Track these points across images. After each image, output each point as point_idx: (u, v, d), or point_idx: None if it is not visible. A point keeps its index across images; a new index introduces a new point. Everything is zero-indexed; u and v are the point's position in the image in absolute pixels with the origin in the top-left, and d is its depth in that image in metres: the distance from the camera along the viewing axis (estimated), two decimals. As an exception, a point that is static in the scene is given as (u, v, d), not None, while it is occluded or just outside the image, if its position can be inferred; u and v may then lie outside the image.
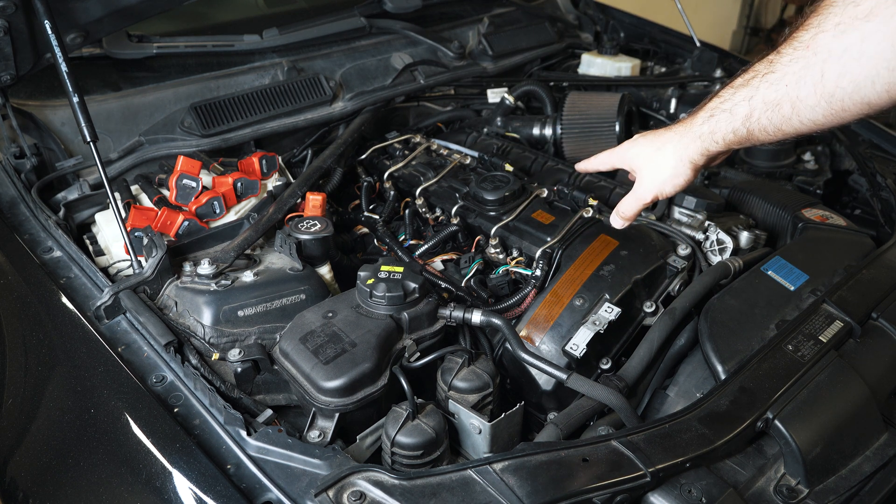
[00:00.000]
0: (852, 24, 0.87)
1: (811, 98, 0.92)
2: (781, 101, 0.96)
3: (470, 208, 1.67)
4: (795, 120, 0.96)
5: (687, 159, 1.10)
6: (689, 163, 1.10)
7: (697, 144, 1.08)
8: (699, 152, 1.09)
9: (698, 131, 1.07)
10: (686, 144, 1.09)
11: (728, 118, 1.03)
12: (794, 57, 0.93)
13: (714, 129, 1.05)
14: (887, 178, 1.82)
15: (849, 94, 0.89)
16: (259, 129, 1.88)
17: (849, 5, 0.88)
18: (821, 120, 0.94)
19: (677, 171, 1.11)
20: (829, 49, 0.89)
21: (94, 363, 1.20)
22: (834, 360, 1.21)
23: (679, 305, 1.37)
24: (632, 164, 1.18)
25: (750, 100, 0.99)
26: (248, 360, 1.22)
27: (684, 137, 1.09)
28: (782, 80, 0.95)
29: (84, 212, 1.61)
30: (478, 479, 0.96)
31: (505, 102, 2.16)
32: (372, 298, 1.27)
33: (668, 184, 1.13)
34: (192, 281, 1.34)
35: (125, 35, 1.92)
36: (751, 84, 0.99)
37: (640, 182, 1.17)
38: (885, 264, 1.44)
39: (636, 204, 1.18)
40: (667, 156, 1.11)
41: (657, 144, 1.13)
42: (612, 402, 1.18)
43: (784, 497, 1.08)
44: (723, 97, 1.05)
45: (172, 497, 1.01)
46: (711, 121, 1.05)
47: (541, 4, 2.72)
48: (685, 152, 1.09)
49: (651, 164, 1.13)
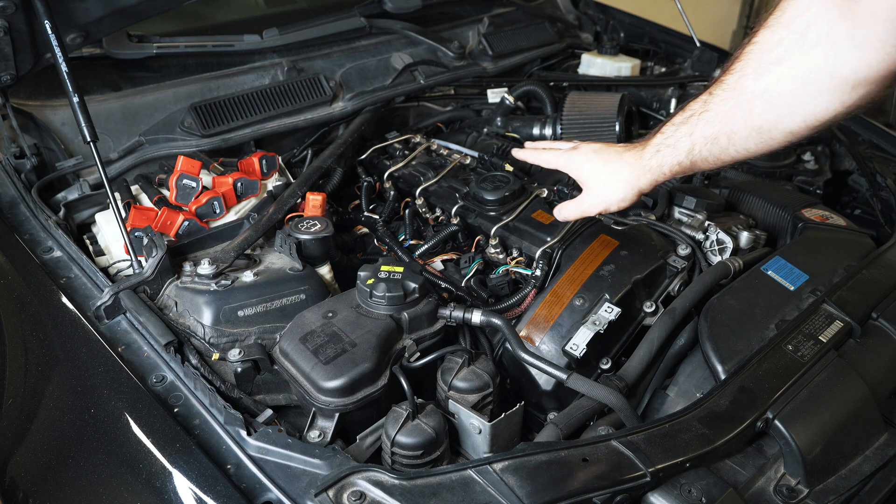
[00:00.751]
0: (768, 68, 1.02)
1: (743, 131, 1.07)
2: (718, 134, 1.10)
3: (470, 208, 1.67)
4: (731, 150, 1.10)
5: (636, 188, 1.24)
6: (637, 190, 1.24)
7: (648, 176, 1.21)
8: (648, 182, 1.22)
9: (647, 164, 1.21)
10: (638, 175, 1.22)
11: (673, 152, 1.16)
12: (724, 97, 1.08)
13: (661, 162, 1.19)
14: (887, 178, 1.82)
15: (774, 126, 1.04)
16: (259, 129, 1.88)
17: (763, 53, 1.03)
18: (753, 148, 1.09)
19: (626, 195, 1.25)
20: (752, 89, 1.05)
21: (94, 363, 1.20)
22: (834, 360, 1.21)
23: (679, 305, 1.37)
24: (581, 177, 1.30)
25: (691, 135, 1.13)
26: (248, 360, 1.22)
27: (636, 169, 1.22)
28: (717, 117, 1.09)
29: (84, 212, 1.61)
30: (478, 479, 0.96)
31: (505, 102, 2.16)
32: (372, 298, 1.27)
33: (614, 204, 1.27)
34: (192, 281, 1.34)
35: (125, 35, 1.92)
36: (689, 122, 1.13)
37: (588, 196, 1.29)
38: (885, 264, 1.44)
39: (579, 213, 1.31)
40: (619, 181, 1.24)
41: (611, 169, 1.25)
42: (612, 402, 1.18)
43: (784, 497, 1.08)
44: (665, 133, 1.18)
45: (172, 497, 1.01)
46: (658, 155, 1.19)
47: (541, 4, 2.72)
48: (636, 182, 1.23)
49: (602, 185, 1.26)
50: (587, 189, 1.28)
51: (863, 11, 0.90)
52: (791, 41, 0.99)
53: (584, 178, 1.29)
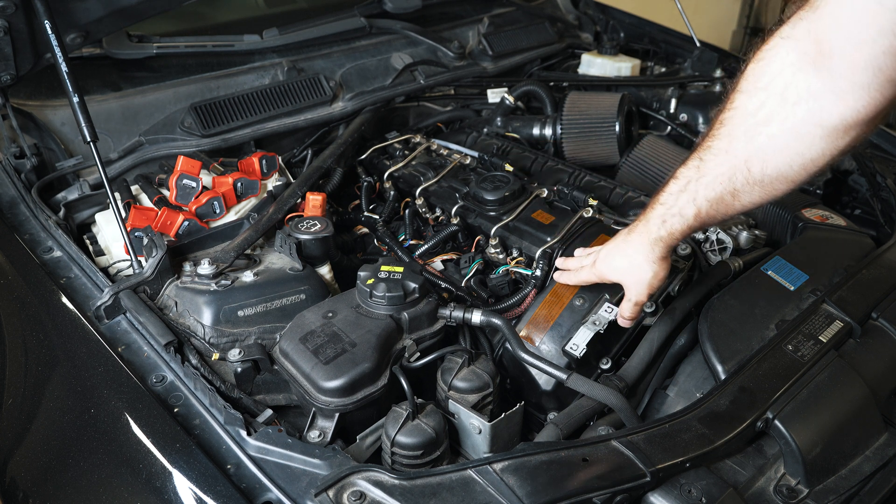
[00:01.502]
0: (756, 129, 1.04)
1: (746, 187, 1.08)
2: (722, 195, 1.11)
3: (470, 208, 1.67)
4: (738, 205, 1.11)
5: (658, 259, 1.24)
6: (660, 261, 1.24)
7: (661, 246, 1.22)
8: (664, 251, 1.23)
9: (657, 236, 1.21)
10: (651, 249, 1.22)
11: (681, 220, 1.17)
12: (718, 161, 1.09)
13: (671, 230, 1.19)
14: (887, 178, 1.82)
15: (775, 178, 1.06)
16: (259, 129, 1.88)
17: (747, 116, 1.04)
18: (758, 201, 1.10)
19: (656, 272, 1.24)
20: (746, 151, 1.05)
21: (94, 363, 1.20)
22: (834, 360, 1.21)
23: (679, 305, 1.37)
24: (614, 279, 1.30)
25: (694, 201, 1.14)
26: (248, 360, 1.22)
27: (647, 245, 1.23)
28: (716, 179, 1.10)
29: (84, 212, 1.61)
30: (478, 479, 0.96)
31: (505, 102, 2.16)
32: (372, 298, 1.27)
33: (653, 282, 1.26)
34: (192, 281, 1.34)
35: (125, 35, 1.92)
36: (688, 189, 1.14)
37: (630, 290, 1.28)
38: (885, 264, 1.44)
39: (636, 308, 1.30)
40: (641, 264, 1.24)
41: (627, 257, 1.26)
42: (612, 402, 1.18)
43: (784, 497, 1.08)
44: (666, 204, 1.18)
45: (172, 497, 1.01)
46: (666, 225, 1.19)
47: (541, 4, 2.72)
48: (652, 255, 1.23)
49: (631, 275, 1.27)
50: (626, 286, 1.29)
51: (838, 66, 0.92)
52: (773, 102, 1.01)
53: (618, 279, 1.30)
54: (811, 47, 0.95)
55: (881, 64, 0.87)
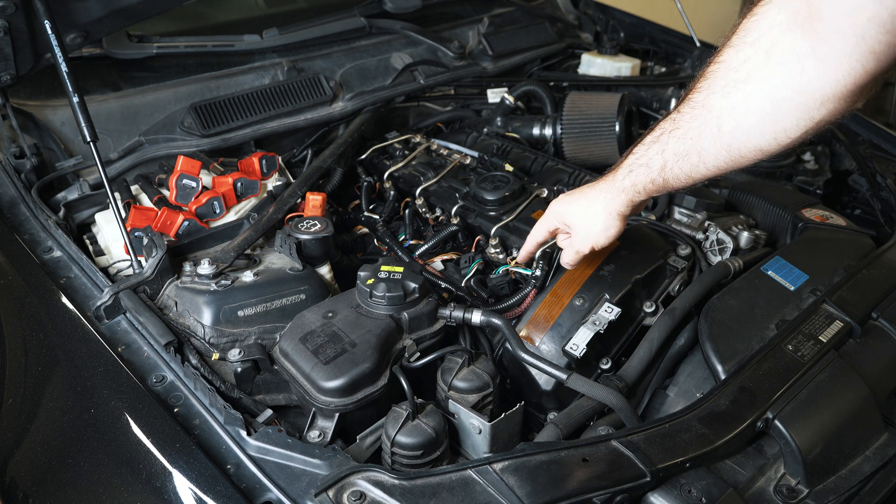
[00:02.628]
0: (735, 86, 1.03)
1: (712, 147, 1.07)
2: (688, 152, 1.10)
3: (470, 208, 1.67)
4: (702, 167, 1.10)
5: (615, 212, 1.23)
6: (617, 215, 1.23)
7: (622, 198, 1.21)
8: (625, 204, 1.22)
9: (621, 186, 1.20)
10: (612, 199, 1.21)
11: (645, 171, 1.16)
12: (693, 115, 1.08)
13: (634, 182, 1.18)
14: (887, 178, 1.82)
15: (743, 143, 1.05)
16: (259, 129, 1.88)
17: (730, 71, 1.03)
18: (723, 166, 1.09)
19: (607, 224, 1.24)
20: (720, 107, 1.05)
21: (94, 363, 1.20)
22: (834, 360, 1.21)
23: (679, 305, 1.37)
24: (566, 222, 1.30)
25: (662, 153, 1.13)
26: (248, 360, 1.22)
27: (609, 193, 1.22)
28: (687, 134, 1.09)
29: (84, 212, 1.61)
30: (478, 479, 0.96)
31: (505, 102, 2.16)
32: (372, 298, 1.27)
33: (601, 236, 1.26)
34: (192, 281, 1.34)
35: (125, 35, 1.92)
36: (660, 140, 1.14)
37: (576, 236, 1.29)
38: (885, 264, 1.44)
39: (576, 255, 1.31)
40: (597, 212, 1.24)
41: (585, 203, 1.25)
42: (612, 402, 1.18)
43: (784, 497, 1.08)
44: (637, 153, 1.18)
45: (172, 497, 1.01)
46: (631, 175, 1.18)
47: (541, 4, 2.72)
48: (612, 206, 1.22)
49: (584, 221, 1.26)
50: (574, 232, 1.28)
51: (825, 29, 0.90)
52: (757, 59, 1.00)
53: (566, 222, 1.29)
54: (802, 8, 0.93)
55: (865, 32, 0.87)
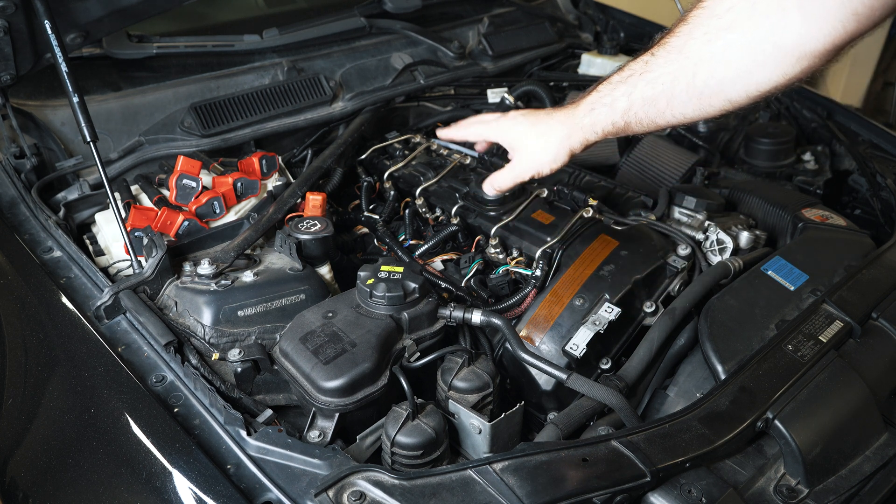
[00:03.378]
0: (717, 34, 1.01)
1: (683, 94, 1.05)
2: (658, 97, 1.08)
3: (470, 208, 1.67)
4: (668, 114, 1.09)
5: (568, 147, 1.20)
6: (568, 150, 1.20)
7: (579, 135, 1.18)
8: (579, 141, 1.19)
9: (580, 123, 1.17)
10: (568, 134, 1.19)
11: (608, 112, 1.13)
12: (668, 59, 1.06)
13: (595, 121, 1.16)
14: (887, 178, 1.82)
15: (715, 92, 1.04)
16: (259, 129, 1.88)
17: (713, 18, 1.02)
18: (689, 114, 1.08)
19: (557, 156, 1.21)
20: (699, 53, 1.03)
21: (94, 363, 1.20)
22: (834, 360, 1.21)
23: (679, 305, 1.37)
24: (511, 143, 1.26)
25: (629, 95, 1.11)
26: (248, 360, 1.22)
27: (567, 126, 1.19)
28: (659, 79, 1.07)
29: (84, 212, 1.61)
30: (478, 479, 0.96)
31: (505, 102, 2.15)
32: (372, 298, 1.27)
33: (546, 166, 1.23)
34: (192, 281, 1.34)
35: (125, 35, 1.91)
36: (629, 82, 1.11)
37: (520, 161, 1.25)
38: (885, 264, 1.44)
39: (513, 180, 1.27)
40: (549, 142, 1.20)
41: (540, 130, 1.22)
42: (612, 402, 1.18)
43: (784, 497, 1.08)
44: (602, 92, 1.15)
45: (172, 497, 1.01)
46: (592, 113, 1.16)
47: (541, 4, 2.72)
48: (567, 141, 1.19)
49: (532, 147, 1.22)
50: (517, 154, 1.25)
51: None
52: (742, 8, 0.99)
53: (512, 143, 1.25)
54: None
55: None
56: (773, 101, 2.25)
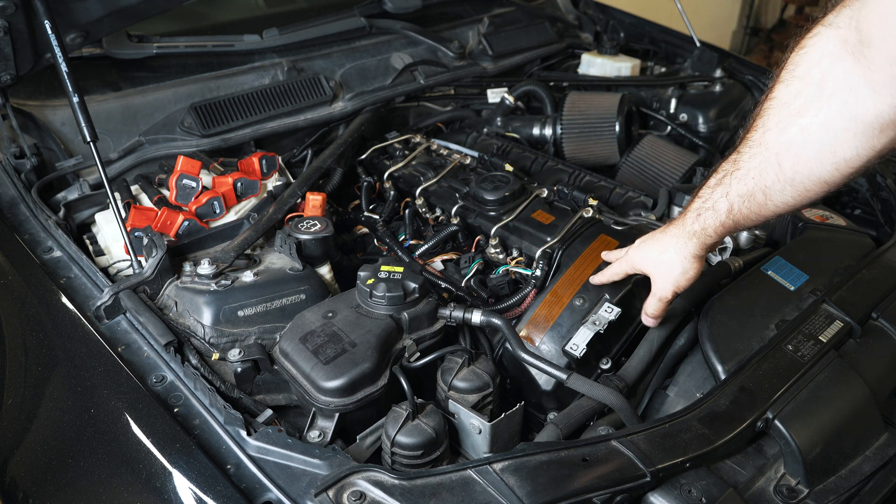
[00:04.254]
0: (790, 120, 1.01)
1: (777, 185, 1.05)
2: (753, 191, 1.09)
3: (470, 208, 1.67)
4: (770, 205, 1.09)
5: (690, 256, 1.22)
6: (692, 258, 1.22)
7: (694, 242, 1.20)
8: (697, 247, 1.21)
9: (691, 230, 1.20)
10: (684, 244, 1.21)
11: (713, 215, 1.15)
12: (752, 154, 1.07)
13: (705, 226, 1.17)
14: (887, 178, 1.82)
15: (806, 177, 1.03)
16: (259, 129, 1.88)
17: (783, 107, 1.02)
18: (791, 202, 1.07)
19: (685, 268, 1.23)
20: (777, 143, 1.04)
21: (94, 363, 1.20)
22: (834, 360, 1.21)
23: (679, 305, 1.37)
24: (644, 270, 1.30)
25: (727, 196, 1.12)
26: (248, 360, 1.22)
27: (681, 239, 1.21)
28: (748, 174, 1.08)
29: (84, 212, 1.61)
30: (478, 479, 0.96)
31: (505, 102, 2.16)
32: (372, 298, 1.27)
33: (681, 280, 1.25)
34: (192, 281, 1.34)
35: (125, 35, 1.92)
36: (724, 183, 1.12)
37: (657, 284, 1.28)
38: (885, 264, 1.44)
39: (660, 304, 1.29)
40: (671, 258, 1.23)
41: (659, 248, 1.25)
42: (612, 402, 1.18)
43: (784, 497, 1.08)
44: (703, 197, 1.18)
45: (172, 497, 1.01)
46: (700, 219, 1.18)
47: (541, 4, 2.72)
48: (686, 251, 1.21)
49: (661, 268, 1.25)
50: (653, 278, 1.28)
51: (877, 56, 0.89)
52: (809, 92, 0.98)
53: (647, 270, 1.29)
54: (852, 35, 0.91)
55: None
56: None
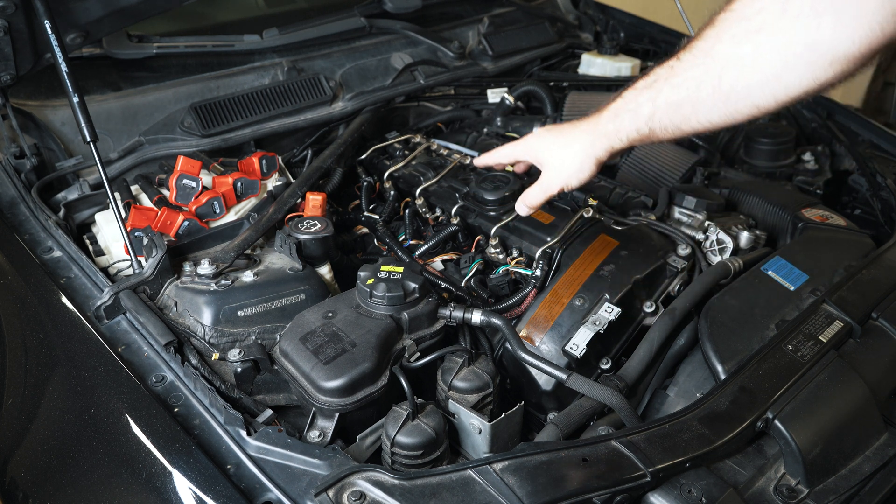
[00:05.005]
0: (746, 36, 0.98)
1: (710, 100, 1.02)
2: (683, 102, 1.05)
3: (470, 208, 1.67)
4: (694, 119, 1.05)
5: (593, 156, 1.17)
6: (594, 159, 1.18)
7: (603, 142, 1.15)
8: (604, 149, 1.16)
9: (604, 130, 1.15)
10: (592, 142, 1.16)
11: (632, 118, 1.11)
12: (694, 63, 1.03)
13: (619, 127, 1.13)
14: (887, 178, 1.83)
15: (742, 98, 1.00)
16: (259, 129, 1.88)
17: (742, 20, 0.98)
18: (716, 120, 1.04)
19: (583, 166, 1.19)
20: (727, 56, 1.00)
21: (94, 363, 1.20)
22: (834, 360, 1.21)
23: (679, 305, 1.37)
24: (537, 158, 1.24)
25: (654, 100, 1.08)
26: (248, 360, 1.22)
27: (591, 135, 1.16)
28: (684, 83, 1.04)
29: (84, 212, 1.61)
30: (478, 479, 0.96)
31: (505, 102, 2.15)
32: (372, 298, 1.27)
33: (573, 178, 1.21)
34: (192, 281, 1.34)
35: (125, 35, 1.92)
36: (654, 87, 1.08)
37: (546, 175, 1.23)
38: (885, 264, 1.44)
39: (543, 195, 1.25)
40: (574, 152, 1.18)
41: (563, 141, 1.20)
42: (612, 402, 1.18)
43: (784, 497, 1.08)
44: (626, 98, 1.13)
45: (172, 497, 1.01)
46: (616, 120, 1.13)
47: (541, 4, 2.72)
48: (591, 150, 1.17)
49: (557, 160, 1.21)
50: (545, 169, 1.23)
51: None
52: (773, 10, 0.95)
53: (540, 158, 1.24)
54: None
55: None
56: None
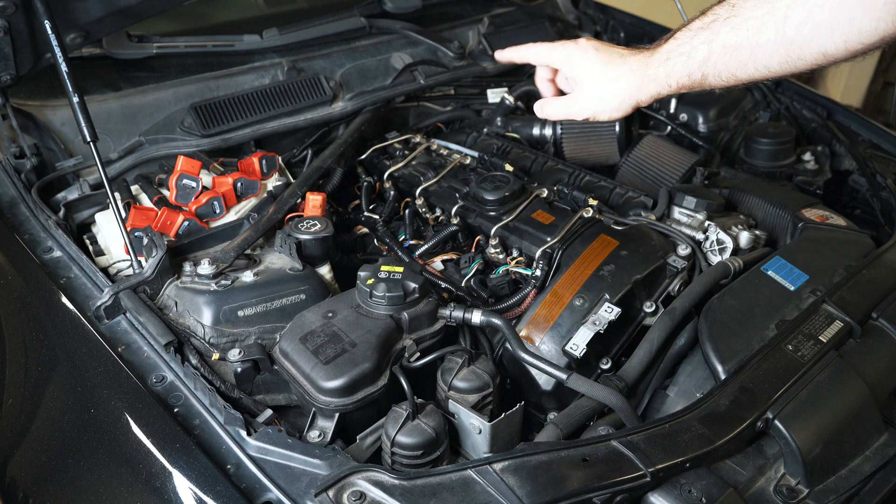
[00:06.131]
0: None
1: (770, 44, 0.94)
2: (741, 45, 0.97)
3: (470, 208, 1.67)
4: (751, 66, 0.98)
5: (635, 99, 1.11)
6: (635, 102, 1.11)
7: (651, 88, 1.09)
8: (649, 95, 1.10)
9: (653, 74, 1.07)
10: (638, 87, 1.09)
11: (685, 61, 1.03)
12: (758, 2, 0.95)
13: (670, 72, 1.06)
14: (887, 178, 1.83)
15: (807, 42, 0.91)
16: (259, 129, 1.88)
17: None
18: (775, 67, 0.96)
19: (620, 107, 1.12)
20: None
21: (94, 363, 1.20)
22: (834, 360, 1.21)
23: (679, 305, 1.37)
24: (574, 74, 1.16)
25: (710, 43, 1.00)
26: (248, 360, 1.22)
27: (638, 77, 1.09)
28: (744, 24, 0.96)
29: (84, 212, 1.61)
30: (478, 479, 0.96)
31: (505, 102, 2.16)
32: (372, 298, 1.27)
33: (605, 114, 1.14)
34: (192, 281, 1.34)
35: (125, 35, 1.92)
36: (711, 27, 1.00)
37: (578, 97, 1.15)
38: (885, 264, 1.44)
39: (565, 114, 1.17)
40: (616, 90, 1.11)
41: (611, 74, 1.12)
42: (612, 402, 1.18)
43: (784, 497, 1.08)
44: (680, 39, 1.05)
45: (172, 497, 1.01)
46: (668, 63, 1.06)
47: (541, 4, 2.72)
48: (636, 93, 1.10)
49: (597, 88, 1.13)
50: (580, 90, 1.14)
51: None
52: None
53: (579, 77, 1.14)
54: None
55: None
56: (773, 100, 2.24)
